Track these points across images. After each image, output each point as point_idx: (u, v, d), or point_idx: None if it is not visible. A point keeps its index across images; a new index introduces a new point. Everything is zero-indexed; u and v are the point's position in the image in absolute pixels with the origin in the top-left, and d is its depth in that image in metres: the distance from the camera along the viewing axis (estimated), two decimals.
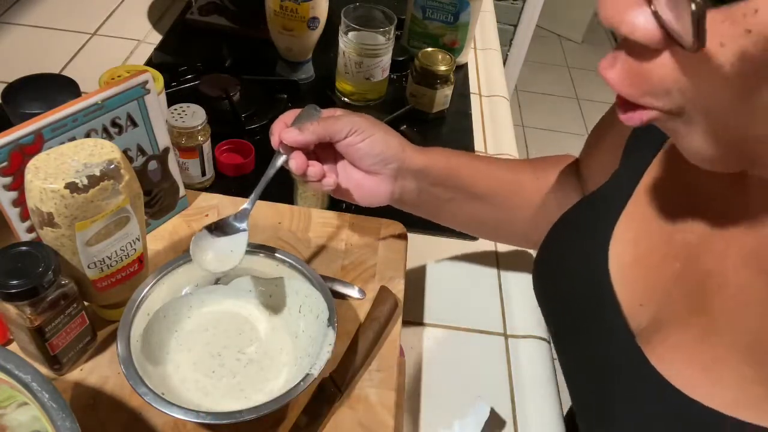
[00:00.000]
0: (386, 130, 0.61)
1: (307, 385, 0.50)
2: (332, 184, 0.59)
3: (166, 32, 1.13)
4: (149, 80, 0.61)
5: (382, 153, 0.60)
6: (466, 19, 1.09)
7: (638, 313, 0.47)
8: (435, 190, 0.64)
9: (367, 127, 0.59)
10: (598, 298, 0.49)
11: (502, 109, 1.11)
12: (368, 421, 0.56)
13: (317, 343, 0.54)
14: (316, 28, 0.99)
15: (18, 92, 0.69)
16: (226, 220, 0.57)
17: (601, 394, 0.48)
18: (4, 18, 1.10)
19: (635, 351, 0.44)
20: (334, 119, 0.59)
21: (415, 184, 0.63)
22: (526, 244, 0.72)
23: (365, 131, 0.59)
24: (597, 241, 0.51)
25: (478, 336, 0.71)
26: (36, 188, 0.48)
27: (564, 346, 0.56)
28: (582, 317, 0.52)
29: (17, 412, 0.45)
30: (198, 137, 0.75)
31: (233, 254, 0.55)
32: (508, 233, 0.72)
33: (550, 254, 0.58)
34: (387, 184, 0.62)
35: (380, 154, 0.60)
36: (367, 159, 0.60)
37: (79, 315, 0.54)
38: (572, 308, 0.53)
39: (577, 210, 0.57)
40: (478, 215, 0.68)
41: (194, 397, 0.53)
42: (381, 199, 0.63)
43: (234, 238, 0.56)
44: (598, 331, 0.49)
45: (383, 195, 0.62)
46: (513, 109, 0.82)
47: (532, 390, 0.66)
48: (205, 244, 0.55)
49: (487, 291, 0.77)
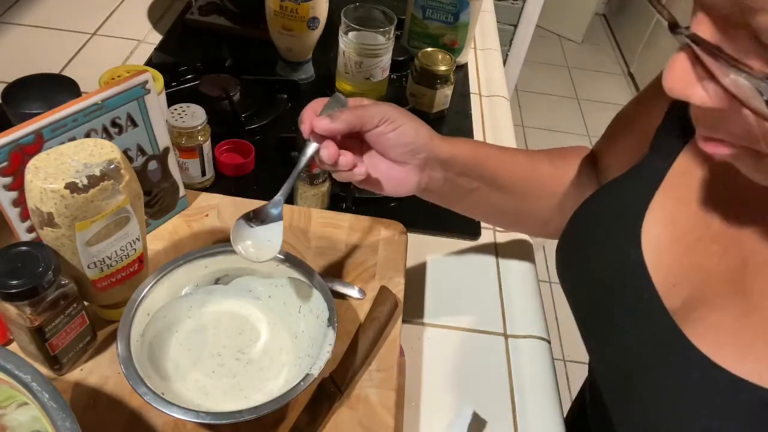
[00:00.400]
0: (414, 119, 0.61)
1: (307, 385, 0.50)
2: (363, 173, 0.59)
3: (166, 32, 1.13)
4: (149, 80, 0.61)
5: (413, 143, 0.59)
6: (466, 19, 1.09)
7: (672, 293, 0.47)
8: (461, 180, 0.64)
9: (397, 116, 0.59)
10: (632, 278, 0.49)
11: (502, 109, 1.11)
12: (368, 421, 0.56)
13: (317, 343, 0.54)
14: (316, 28, 0.99)
15: (18, 92, 0.69)
16: (263, 208, 0.56)
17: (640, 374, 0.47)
18: (4, 18, 1.10)
19: (674, 330, 0.44)
20: (363, 108, 0.58)
21: (441, 173, 0.63)
22: (544, 232, 0.72)
23: (396, 120, 0.59)
24: (628, 222, 0.51)
25: (478, 336, 0.71)
26: (36, 188, 0.48)
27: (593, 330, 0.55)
28: (615, 299, 0.51)
29: (17, 412, 0.45)
30: (198, 137, 0.75)
31: (271, 244, 0.55)
32: (527, 222, 0.72)
33: (576, 239, 0.57)
34: (415, 174, 0.61)
35: (410, 143, 0.59)
36: (397, 149, 0.59)
37: (79, 315, 0.54)
38: (604, 290, 0.53)
39: (602, 194, 0.56)
40: (500, 205, 0.68)
41: (194, 397, 0.53)
42: (408, 189, 0.62)
43: (271, 228, 0.56)
44: (633, 313, 0.49)
45: (411, 185, 0.62)
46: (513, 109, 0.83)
47: (532, 390, 0.66)
48: (244, 234, 0.55)
49: (487, 291, 0.77)
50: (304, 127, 0.58)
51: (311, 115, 0.58)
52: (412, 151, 0.60)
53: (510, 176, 0.66)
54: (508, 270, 0.80)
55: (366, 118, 0.58)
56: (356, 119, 0.58)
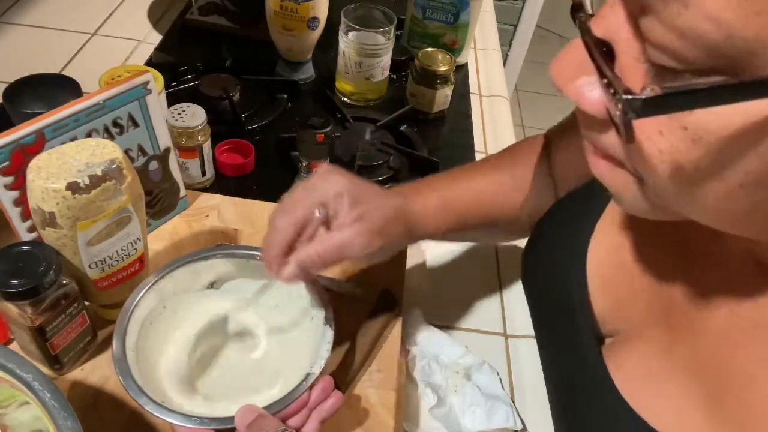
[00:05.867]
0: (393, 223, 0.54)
1: (309, 385, 0.50)
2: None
3: (166, 32, 1.13)
4: (150, 80, 0.61)
5: (393, 250, 0.56)
6: (466, 19, 1.10)
7: (611, 318, 0.48)
8: (445, 236, 0.62)
9: (376, 246, 0.52)
10: (572, 300, 0.50)
11: (502, 109, 1.11)
12: (368, 421, 0.56)
13: (315, 343, 0.54)
14: (316, 28, 0.99)
15: (19, 92, 0.69)
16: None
17: (563, 394, 0.49)
18: (4, 18, 1.10)
19: (596, 357, 0.45)
20: (335, 249, 0.51)
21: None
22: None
23: (375, 253, 0.53)
24: (577, 243, 0.51)
25: (478, 336, 0.71)
26: (38, 188, 0.48)
27: (540, 345, 0.57)
28: (556, 318, 0.52)
29: (18, 412, 0.45)
30: (198, 137, 0.75)
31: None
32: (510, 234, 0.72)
33: (533, 253, 0.58)
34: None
35: (391, 251, 0.56)
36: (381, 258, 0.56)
37: (79, 315, 0.54)
38: (550, 309, 0.54)
39: (559, 209, 0.57)
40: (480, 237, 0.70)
41: (192, 400, 0.53)
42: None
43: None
44: (567, 334, 0.50)
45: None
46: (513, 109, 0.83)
47: (532, 390, 0.67)
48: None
49: (487, 291, 0.77)
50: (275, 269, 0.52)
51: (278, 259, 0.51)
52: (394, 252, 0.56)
53: (481, 216, 0.63)
54: (508, 270, 0.80)
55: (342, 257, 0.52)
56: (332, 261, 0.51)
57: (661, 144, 0.28)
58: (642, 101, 0.25)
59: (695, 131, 0.26)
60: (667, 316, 0.43)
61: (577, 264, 0.50)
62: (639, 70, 0.28)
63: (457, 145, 0.99)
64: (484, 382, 0.62)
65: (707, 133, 0.26)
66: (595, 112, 0.30)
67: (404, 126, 0.97)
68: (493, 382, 0.63)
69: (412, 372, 0.63)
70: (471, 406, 0.60)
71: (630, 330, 0.46)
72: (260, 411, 0.46)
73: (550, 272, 0.54)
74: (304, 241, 0.51)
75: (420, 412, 0.61)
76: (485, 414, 0.59)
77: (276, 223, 0.51)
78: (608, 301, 0.48)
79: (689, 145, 0.27)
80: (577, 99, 0.30)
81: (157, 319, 0.56)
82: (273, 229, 0.51)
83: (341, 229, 0.51)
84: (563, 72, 0.30)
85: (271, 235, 0.51)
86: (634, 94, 0.26)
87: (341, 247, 0.50)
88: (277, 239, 0.51)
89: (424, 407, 0.60)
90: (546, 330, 0.55)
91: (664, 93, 0.25)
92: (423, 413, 0.61)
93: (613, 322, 0.48)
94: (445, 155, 0.93)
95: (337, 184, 0.51)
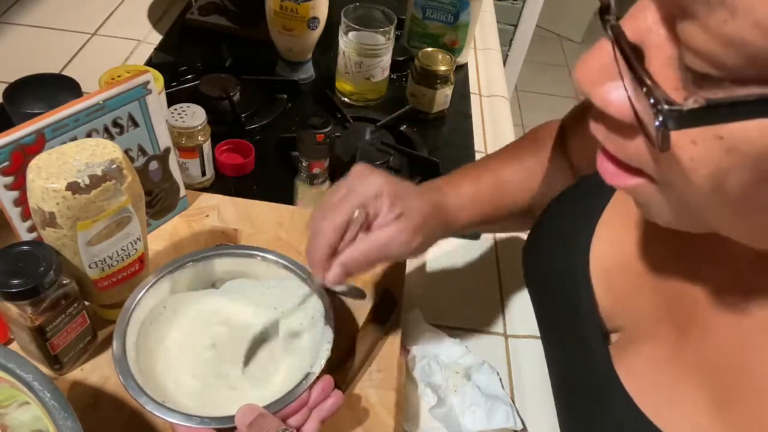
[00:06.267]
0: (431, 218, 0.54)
1: (309, 384, 0.50)
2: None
3: (166, 32, 1.13)
4: (150, 80, 0.61)
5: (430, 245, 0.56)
6: (466, 19, 1.10)
7: (617, 315, 0.48)
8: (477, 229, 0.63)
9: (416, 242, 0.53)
10: (576, 296, 0.49)
11: (502, 109, 1.11)
12: (368, 421, 0.56)
13: (315, 342, 0.54)
14: (316, 28, 0.99)
15: (19, 92, 0.69)
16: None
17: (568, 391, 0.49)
18: (4, 18, 1.10)
19: (604, 356, 0.45)
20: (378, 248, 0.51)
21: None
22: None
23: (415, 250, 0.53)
24: (580, 237, 0.51)
25: (478, 336, 0.71)
26: (38, 188, 0.48)
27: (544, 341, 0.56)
28: (561, 314, 0.52)
29: (18, 412, 0.45)
30: (198, 137, 0.75)
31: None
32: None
33: (535, 248, 0.58)
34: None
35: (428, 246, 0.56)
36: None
37: (79, 315, 0.54)
38: (553, 304, 0.54)
39: (563, 201, 0.56)
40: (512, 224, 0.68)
41: (193, 399, 0.53)
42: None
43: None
44: (572, 330, 0.50)
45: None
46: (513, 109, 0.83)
47: (532, 390, 0.67)
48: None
49: (487, 291, 0.77)
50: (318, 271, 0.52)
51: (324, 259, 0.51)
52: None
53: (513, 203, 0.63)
54: (508, 270, 0.80)
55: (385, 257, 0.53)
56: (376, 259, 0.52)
57: (693, 153, 0.27)
58: (685, 113, 0.25)
59: (731, 141, 0.25)
60: (674, 314, 0.43)
61: (581, 259, 0.50)
62: (670, 75, 0.27)
63: (457, 145, 0.99)
64: (484, 382, 0.62)
65: (743, 143, 0.25)
66: (624, 118, 0.29)
67: (404, 126, 0.97)
68: (493, 382, 0.63)
69: (412, 372, 0.63)
70: (471, 406, 0.60)
71: (635, 327, 0.46)
72: (261, 410, 0.46)
73: (553, 267, 0.53)
74: (346, 243, 0.51)
75: (420, 412, 0.61)
76: (485, 414, 0.59)
77: (319, 228, 0.51)
78: (612, 298, 0.48)
79: (723, 154, 0.26)
80: (605, 104, 0.29)
81: (157, 319, 0.56)
82: (316, 233, 0.51)
83: (382, 228, 0.51)
84: (589, 76, 0.30)
85: (315, 240, 0.51)
86: (676, 105, 0.25)
87: (384, 245, 0.51)
88: (321, 243, 0.51)
89: (424, 407, 0.60)
90: (550, 325, 0.55)
91: (708, 104, 0.24)
92: (423, 413, 0.61)
93: (617, 318, 0.48)
94: (445, 155, 0.93)
95: (375, 185, 0.52)
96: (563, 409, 0.51)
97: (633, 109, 0.28)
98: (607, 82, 0.29)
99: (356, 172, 0.54)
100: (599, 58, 0.29)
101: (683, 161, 0.27)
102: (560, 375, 0.52)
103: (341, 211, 0.51)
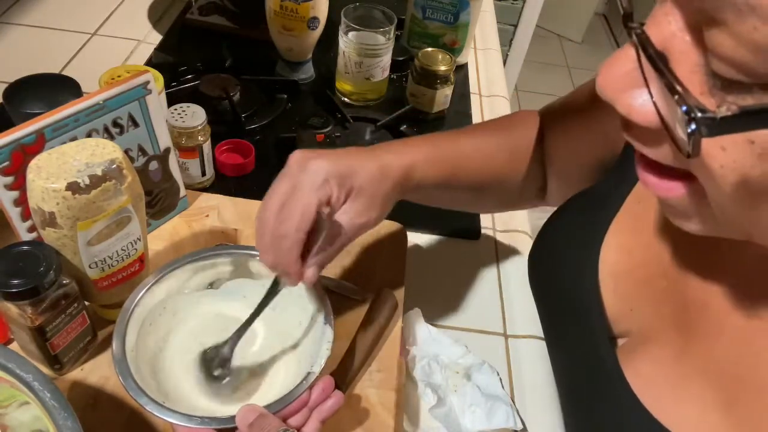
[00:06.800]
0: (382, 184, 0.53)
1: (309, 384, 0.50)
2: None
3: (166, 32, 1.13)
4: (150, 80, 0.61)
5: (391, 206, 0.55)
6: (466, 19, 1.10)
7: (624, 320, 0.48)
8: (433, 193, 0.61)
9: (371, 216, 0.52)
10: (585, 301, 0.49)
11: (502, 109, 1.11)
12: (368, 421, 0.56)
13: (315, 342, 0.54)
14: (316, 28, 0.99)
15: (19, 92, 0.69)
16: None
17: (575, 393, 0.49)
18: (4, 18, 1.10)
19: (612, 359, 0.45)
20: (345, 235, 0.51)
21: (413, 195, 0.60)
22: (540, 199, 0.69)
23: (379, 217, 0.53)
24: (589, 244, 0.51)
25: (478, 336, 0.71)
26: (38, 188, 0.48)
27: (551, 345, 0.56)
28: (568, 318, 0.52)
29: (18, 412, 0.45)
30: (198, 137, 0.75)
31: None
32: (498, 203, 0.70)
33: (542, 253, 0.58)
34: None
35: (389, 208, 0.55)
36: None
37: (79, 315, 0.54)
38: (561, 308, 0.54)
39: (571, 208, 0.56)
40: (468, 200, 0.67)
41: (193, 400, 0.53)
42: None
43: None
44: (580, 334, 0.50)
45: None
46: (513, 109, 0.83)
47: (532, 390, 0.67)
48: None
49: (487, 291, 0.77)
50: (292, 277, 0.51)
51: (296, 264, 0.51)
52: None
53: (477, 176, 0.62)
54: (508, 270, 0.80)
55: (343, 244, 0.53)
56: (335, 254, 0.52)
57: (722, 159, 0.27)
58: (718, 120, 0.24)
59: (762, 145, 0.25)
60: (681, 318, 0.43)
61: (590, 264, 0.50)
62: (696, 81, 0.26)
63: None
64: (484, 382, 0.62)
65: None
66: (648, 124, 0.29)
67: (404, 126, 0.97)
68: (493, 382, 0.63)
69: (412, 372, 0.63)
70: (471, 406, 0.60)
71: (642, 331, 0.46)
72: (261, 410, 0.46)
73: (561, 272, 0.53)
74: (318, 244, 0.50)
75: (420, 412, 0.61)
76: (485, 414, 0.59)
77: (281, 231, 0.49)
78: (621, 302, 0.48)
79: (754, 160, 0.26)
80: (628, 111, 0.29)
81: (157, 320, 0.56)
82: (279, 236, 0.49)
83: (341, 215, 0.51)
84: (612, 82, 0.29)
85: (279, 244, 0.49)
86: (709, 112, 0.24)
87: (347, 231, 0.51)
88: (287, 246, 0.49)
89: (424, 407, 0.60)
90: (557, 329, 0.55)
91: (741, 111, 0.24)
92: (423, 413, 0.60)
93: (625, 323, 0.48)
94: None
95: (320, 172, 0.49)
96: (569, 410, 0.51)
97: (659, 115, 0.28)
98: (630, 88, 0.29)
99: (295, 161, 0.51)
100: (623, 64, 0.29)
101: (713, 168, 0.27)
102: (566, 377, 0.52)
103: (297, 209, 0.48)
